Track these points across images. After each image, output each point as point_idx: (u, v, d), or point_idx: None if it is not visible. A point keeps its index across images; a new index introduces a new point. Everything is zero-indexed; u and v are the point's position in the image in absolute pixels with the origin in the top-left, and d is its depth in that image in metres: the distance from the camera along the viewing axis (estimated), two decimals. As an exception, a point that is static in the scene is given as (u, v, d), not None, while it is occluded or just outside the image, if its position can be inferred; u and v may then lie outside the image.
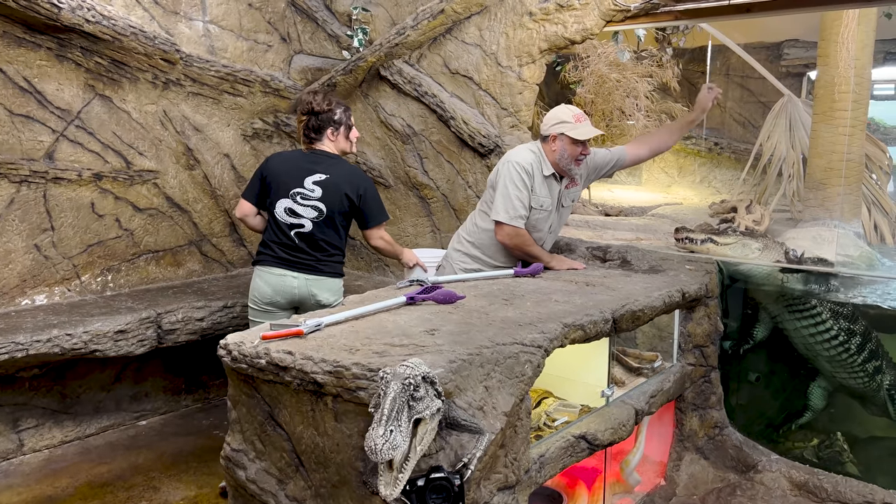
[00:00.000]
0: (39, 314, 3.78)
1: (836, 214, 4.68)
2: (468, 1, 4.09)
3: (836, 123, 4.60)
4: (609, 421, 2.83)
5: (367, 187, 3.43)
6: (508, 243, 3.36)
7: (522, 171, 3.29)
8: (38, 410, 3.92)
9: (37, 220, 3.89)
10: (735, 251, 3.68)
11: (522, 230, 3.34)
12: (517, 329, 2.40)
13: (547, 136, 3.34)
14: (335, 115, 3.39)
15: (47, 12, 3.52)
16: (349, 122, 3.47)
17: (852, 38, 4.26)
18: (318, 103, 3.35)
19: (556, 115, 3.35)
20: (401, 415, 1.70)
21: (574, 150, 3.30)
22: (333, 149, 3.45)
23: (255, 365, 2.16)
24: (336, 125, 3.40)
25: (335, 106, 3.40)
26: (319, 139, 3.42)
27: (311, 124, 3.37)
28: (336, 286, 3.51)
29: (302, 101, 3.43)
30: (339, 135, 3.42)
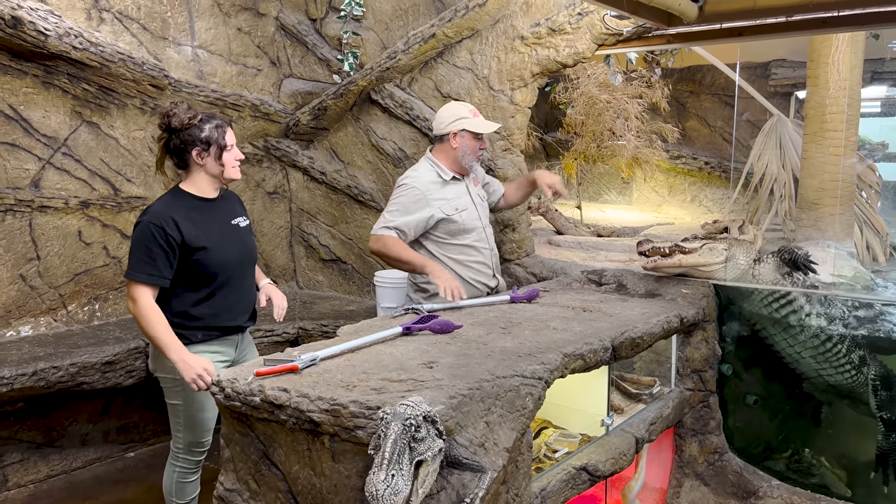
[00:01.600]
0: (25, 346, 3.69)
1: (830, 234, 4.68)
2: (459, 25, 4.09)
3: (828, 144, 4.62)
4: (610, 451, 2.78)
5: (135, 225, 2.74)
6: (373, 249, 3.23)
7: (410, 188, 3.23)
8: (22, 445, 3.82)
9: (22, 250, 3.82)
10: (704, 255, 3.60)
11: (386, 236, 3.19)
12: (517, 360, 2.36)
13: (445, 135, 3.29)
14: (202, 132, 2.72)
15: (34, 40, 3.47)
16: (222, 141, 2.76)
17: (842, 60, 4.29)
18: (178, 117, 2.70)
19: (451, 112, 3.31)
20: (402, 457, 1.64)
21: (474, 144, 3.30)
22: (197, 175, 2.79)
23: (250, 403, 2.10)
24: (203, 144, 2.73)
25: (203, 120, 2.74)
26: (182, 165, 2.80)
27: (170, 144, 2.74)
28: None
29: (160, 115, 2.76)
30: (207, 157, 2.74)
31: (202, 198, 2.81)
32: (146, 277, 2.65)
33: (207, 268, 2.75)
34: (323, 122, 4.81)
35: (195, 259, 2.71)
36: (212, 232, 2.76)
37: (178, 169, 2.81)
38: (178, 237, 2.67)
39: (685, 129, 6.97)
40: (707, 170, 7.02)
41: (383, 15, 4.54)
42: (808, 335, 3.61)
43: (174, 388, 2.81)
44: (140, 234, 2.65)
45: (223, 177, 2.80)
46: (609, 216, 7.03)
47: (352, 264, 5.00)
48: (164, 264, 2.66)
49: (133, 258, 2.66)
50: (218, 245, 2.76)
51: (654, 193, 7.41)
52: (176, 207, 2.71)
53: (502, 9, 3.98)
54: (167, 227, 2.64)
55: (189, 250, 2.70)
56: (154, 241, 2.63)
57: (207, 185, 2.81)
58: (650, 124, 6.23)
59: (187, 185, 2.80)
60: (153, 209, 2.70)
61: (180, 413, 2.86)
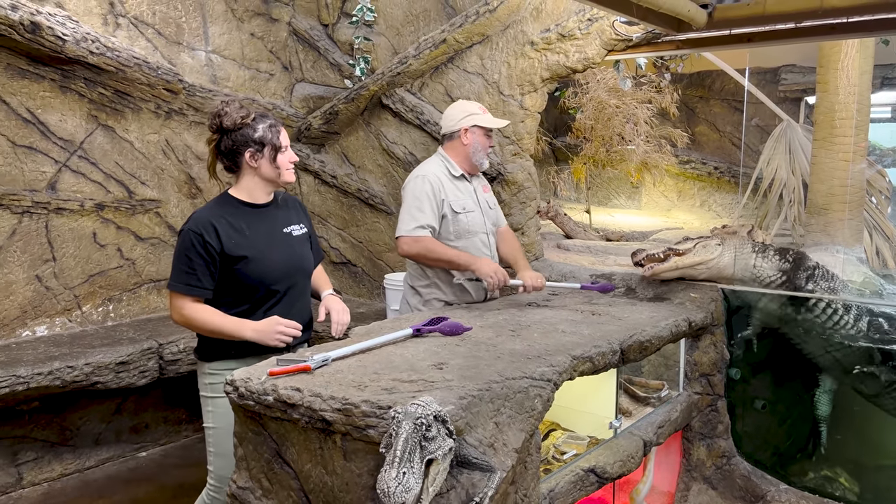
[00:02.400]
0: (40, 346, 3.74)
1: (839, 240, 4.68)
2: (470, 31, 4.12)
3: (837, 149, 4.62)
4: (618, 453, 2.81)
5: (178, 233, 2.68)
6: (411, 253, 3.14)
7: (424, 181, 3.19)
8: (37, 443, 3.88)
9: (38, 251, 3.88)
10: (699, 254, 3.60)
11: (423, 236, 3.12)
12: (526, 362, 2.38)
13: (455, 132, 3.28)
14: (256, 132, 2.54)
15: (52, 45, 3.53)
16: (277, 142, 2.58)
17: (852, 66, 4.30)
18: (230, 116, 2.52)
19: (461, 108, 3.31)
20: (413, 456, 1.67)
21: (485, 141, 3.30)
22: (249, 179, 2.61)
23: (263, 402, 2.13)
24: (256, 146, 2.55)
25: (256, 119, 2.56)
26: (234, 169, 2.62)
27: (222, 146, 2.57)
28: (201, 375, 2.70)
29: (211, 115, 2.58)
30: (261, 158, 2.56)
31: (252, 203, 2.62)
32: (186, 289, 2.49)
33: (248, 278, 2.55)
34: (334, 127, 4.85)
35: (235, 269, 2.53)
36: (257, 240, 2.57)
37: (229, 172, 2.62)
38: (218, 245, 2.49)
39: (695, 134, 6.98)
40: (716, 175, 7.02)
41: (394, 20, 4.58)
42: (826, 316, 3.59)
43: (207, 409, 2.66)
44: (181, 243, 2.51)
45: (279, 180, 2.61)
46: (618, 220, 7.04)
47: (362, 267, 5.04)
48: (205, 274, 2.49)
49: (174, 268, 2.52)
50: (261, 255, 2.56)
51: (663, 198, 7.42)
52: (219, 214, 2.54)
53: (512, 14, 4.01)
54: (206, 234, 2.48)
55: (229, 260, 2.52)
56: (193, 249, 2.48)
57: (260, 189, 2.61)
58: (659, 129, 6.25)
59: (237, 191, 2.61)
60: (196, 216, 2.54)
61: (211, 438, 2.70)
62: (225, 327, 2.52)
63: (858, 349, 3.58)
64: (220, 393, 2.52)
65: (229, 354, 2.60)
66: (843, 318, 3.56)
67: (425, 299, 3.31)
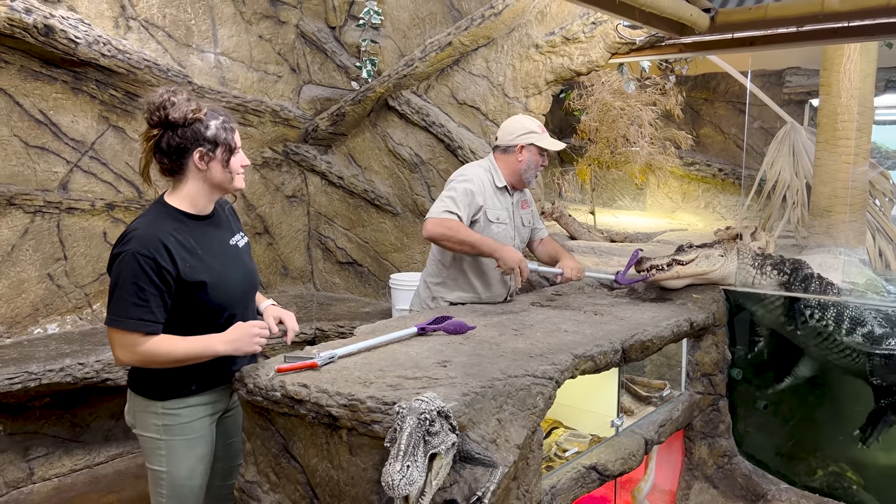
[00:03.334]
0: (52, 343, 3.81)
1: (842, 241, 4.71)
2: (475, 34, 4.17)
3: (840, 152, 4.66)
4: (619, 451, 2.85)
5: (114, 255, 2.12)
6: (435, 234, 3.02)
7: (467, 180, 3.19)
8: (48, 439, 3.94)
9: (50, 250, 3.94)
10: (701, 265, 3.63)
11: (450, 219, 3.03)
12: (528, 361, 2.43)
13: (511, 146, 3.23)
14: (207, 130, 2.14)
15: (65, 47, 3.60)
16: (231, 142, 2.20)
17: (854, 69, 4.33)
18: (179, 108, 2.10)
19: (521, 125, 3.25)
20: (417, 450, 1.72)
21: (538, 160, 3.26)
22: (194, 184, 2.20)
23: (271, 398, 2.19)
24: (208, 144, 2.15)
25: (208, 114, 2.15)
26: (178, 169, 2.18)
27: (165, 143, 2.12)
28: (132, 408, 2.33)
29: (152, 105, 2.11)
30: (213, 160, 2.16)
31: (195, 215, 2.21)
32: (139, 324, 2.06)
33: (208, 305, 2.19)
34: (341, 128, 4.91)
35: (192, 297, 2.16)
36: (211, 261, 2.20)
37: (167, 175, 2.19)
38: (174, 270, 2.09)
39: (699, 136, 7.01)
40: (721, 176, 7.05)
41: (401, 23, 4.63)
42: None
43: (157, 451, 2.27)
44: (126, 268, 2.05)
45: (229, 186, 2.22)
46: (622, 222, 7.07)
47: (368, 267, 5.09)
48: (159, 306, 2.09)
49: (118, 300, 2.06)
50: (219, 277, 2.20)
51: (667, 200, 7.45)
52: (165, 231, 2.11)
53: (517, 18, 4.06)
54: (159, 257, 2.06)
55: (185, 287, 2.13)
56: (145, 276, 2.04)
57: (204, 196, 2.21)
58: (664, 131, 6.28)
59: (176, 199, 2.20)
60: (137, 235, 2.08)
61: (163, 482, 2.30)
62: (194, 351, 2.16)
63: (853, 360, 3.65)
64: (177, 434, 2.26)
65: (189, 390, 2.26)
66: (834, 335, 3.62)
67: (433, 295, 3.36)
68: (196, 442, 2.31)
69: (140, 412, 2.28)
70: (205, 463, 2.34)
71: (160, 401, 2.24)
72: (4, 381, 3.32)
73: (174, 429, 2.26)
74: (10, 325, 3.83)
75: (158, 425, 2.25)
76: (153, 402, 2.25)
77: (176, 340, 2.14)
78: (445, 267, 3.32)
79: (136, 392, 2.30)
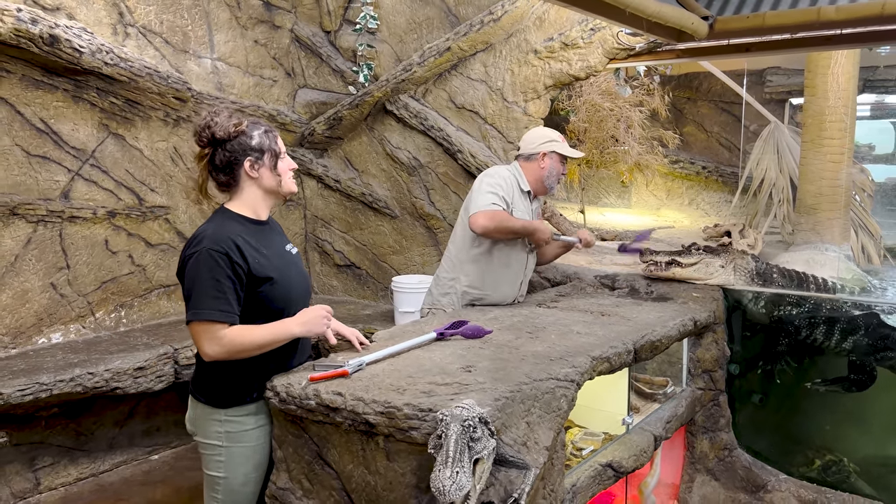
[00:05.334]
0: (58, 353, 3.80)
1: (828, 238, 4.87)
2: (474, 39, 4.23)
3: (825, 151, 4.80)
4: (631, 448, 2.94)
5: (187, 257, 2.25)
6: (489, 225, 3.21)
7: (499, 177, 3.34)
8: (53, 449, 3.93)
9: (53, 259, 3.93)
10: (699, 271, 3.77)
11: (499, 210, 3.24)
12: (550, 364, 2.50)
13: (534, 154, 3.40)
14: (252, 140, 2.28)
15: (69, 57, 3.59)
16: (275, 147, 2.34)
17: (842, 73, 4.47)
18: (222, 126, 2.24)
19: (543, 134, 3.46)
20: (463, 456, 1.79)
21: (560, 168, 3.45)
22: (250, 192, 2.33)
23: (305, 406, 2.23)
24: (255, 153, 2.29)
25: (249, 126, 2.30)
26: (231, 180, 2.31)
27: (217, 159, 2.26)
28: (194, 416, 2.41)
29: (199, 128, 2.26)
30: (262, 167, 2.30)
31: (256, 220, 2.35)
32: (221, 315, 2.17)
33: (272, 302, 2.30)
34: (338, 132, 4.94)
35: (260, 293, 2.27)
36: (274, 260, 2.32)
37: (223, 189, 2.33)
38: (245, 266, 2.22)
39: (683, 134, 7.15)
40: (704, 174, 7.20)
41: (397, 28, 4.67)
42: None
43: (217, 458, 2.35)
44: (202, 265, 2.17)
45: (281, 189, 2.36)
46: (609, 219, 7.19)
47: (366, 269, 5.13)
48: (234, 298, 2.20)
49: (198, 295, 2.17)
50: (283, 276, 2.33)
51: (652, 197, 7.59)
52: (233, 231, 2.24)
53: (516, 23, 4.13)
54: (232, 253, 2.19)
55: (255, 282, 2.25)
56: (221, 270, 2.17)
57: (261, 202, 2.35)
58: (651, 130, 6.40)
59: (236, 206, 2.32)
60: (208, 235, 2.21)
61: (219, 487, 2.37)
62: (272, 335, 2.26)
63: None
64: (236, 441, 2.34)
65: (250, 398, 2.35)
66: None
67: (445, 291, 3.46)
68: (255, 450, 2.38)
69: (202, 420, 2.37)
70: (260, 471, 2.41)
71: (223, 408, 2.33)
72: (16, 393, 3.31)
73: (235, 436, 2.35)
74: (14, 336, 3.81)
75: (220, 432, 2.34)
76: (216, 409, 2.34)
77: (253, 330, 2.24)
78: (465, 262, 3.40)
79: (198, 400, 2.38)
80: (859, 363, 3.87)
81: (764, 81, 6.68)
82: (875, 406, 3.86)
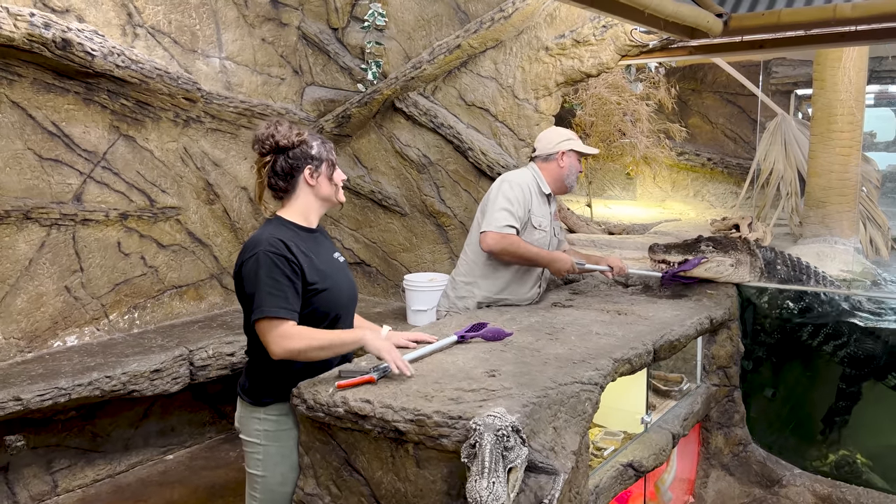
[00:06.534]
0: (74, 356, 3.81)
1: (836, 231, 4.88)
2: (484, 36, 4.22)
3: (834, 144, 4.81)
4: (651, 447, 2.97)
5: (244, 261, 2.34)
6: (495, 249, 3.22)
7: (517, 186, 3.31)
8: (70, 451, 3.95)
9: (66, 262, 3.93)
10: (710, 270, 3.73)
11: (511, 235, 3.22)
12: (573, 367, 2.52)
13: (552, 154, 3.40)
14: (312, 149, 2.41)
15: (81, 60, 3.57)
16: (333, 158, 2.48)
17: (853, 66, 4.46)
18: (285, 135, 2.38)
19: (559, 133, 3.47)
20: (498, 465, 1.80)
21: (578, 165, 3.46)
22: (305, 200, 2.43)
23: (333, 413, 2.24)
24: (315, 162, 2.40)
25: (309, 137, 2.43)
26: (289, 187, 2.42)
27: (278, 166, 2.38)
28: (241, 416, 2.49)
29: (262, 136, 2.38)
30: (320, 176, 2.42)
31: (307, 227, 2.45)
32: (283, 311, 2.25)
33: (321, 307, 2.38)
34: (346, 129, 4.93)
35: (310, 296, 2.36)
36: (323, 267, 2.42)
37: (280, 195, 2.42)
38: (299, 268, 2.32)
39: (688, 125, 7.14)
40: (710, 166, 7.21)
41: (406, 25, 4.65)
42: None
43: (256, 456, 2.43)
44: (262, 266, 2.27)
45: (335, 198, 2.46)
46: (615, 212, 7.20)
47: (376, 267, 5.14)
48: (294, 297, 2.29)
49: (260, 294, 2.25)
50: (332, 282, 2.43)
51: (657, 189, 7.60)
52: (286, 236, 2.34)
53: (527, 20, 4.12)
54: (288, 254, 2.30)
55: (306, 286, 2.35)
56: (279, 270, 2.27)
57: (313, 211, 2.45)
58: (657, 123, 6.40)
59: (290, 213, 2.42)
60: (263, 239, 2.32)
61: (257, 485, 2.46)
62: (340, 345, 2.35)
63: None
64: (273, 440, 2.41)
65: (287, 396, 2.41)
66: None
67: (462, 294, 3.45)
68: (293, 450, 2.44)
69: (245, 418, 2.46)
70: (296, 472, 2.46)
71: (262, 406, 2.42)
72: (35, 398, 3.32)
73: (273, 435, 2.42)
74: (30, 340, 3.82)
75: (260, 430, 2.42)
76: (257, 408, 2.42)
77: (320, 337, 2.31)
78: (482, 266, 3.39)
79: (242, 399, 2.47)
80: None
81: (770, 72, 6.68)
82: (888, 400, 3.89)
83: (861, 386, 3.87)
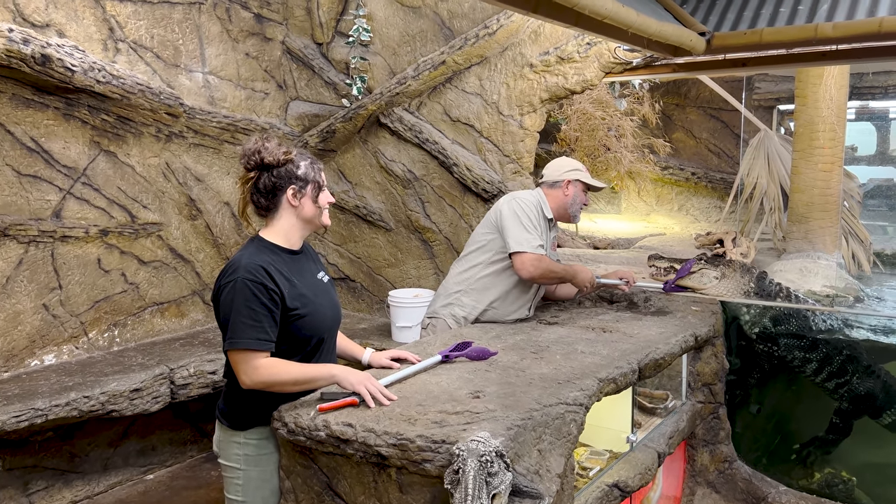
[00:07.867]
0: (52, 375, 3.73)
1: (819, 246, 4.91)
2: (469, 53, 4.22)
3: (816, 160, 4.85)
4: (636, 466, 2.95)
5: (222, 286, 2.32)
6: (534, 272, 3.26)
7: (530, 206, 3.35)
8: (47, 472, 3.86)
9: (45, 280, 3.86)
10: (694, 280, 3.85)
11: (542, 256, 3.29)
12: (558, 388, 2.49)
13: (558, 181, 3.44)
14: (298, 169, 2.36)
15: (61, 76, 3.53)
16: (320, 179, 2.42)
17: (834, 83, 4.51)
18: (272, 152, 2.33)
19: (567, 163, 3.52)
20: (481, 492, 1.77)
21: (583, 197, 3.49)
22: (287, 220, 2.39)
23: (314, 437, 2.21)
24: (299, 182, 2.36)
25: (297, 156, 2.39)
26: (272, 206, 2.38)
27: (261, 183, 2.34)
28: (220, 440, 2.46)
29: (248, 152, 2.34)
30: (304, 197, 2.37)
31: (289, 250, 2.40)
32: (258, 343, 2.22)
33: (301, 331, 2.35)
34: (331, 144, 4.91)
35: (290, 321, 2.33)
36: (305, 291, 2.37)
37: (262, 214, 2.39)
38: (279, 294, 2.28)
39: (672, 140, 7.19)
40: (694, 180, 7.25)
41: (391, 41, 4.65)
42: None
43: (236, 481, 2.40)
44: (238, 294, 2.23)
45: (318, 220, 2.42)
46: (601, 226, 7.22)
47: (361, 282, 5.10)
48: (271, 326, 2.26)
49: (234, 325, 2.23)
50: (313, 306, 2.38)
51: (642, 203, 7.63)
52: (266, 260, 2.30)
53: (511, 37, 4.12)
54: (267, 281, 2.25)
55: (286, 311, 2.31)
56: (256, 299, 2.23)
57: (296, 232, 2.41)
58: (641, 138, 6.43)
59: (271, 234, 2.39)
60: (242, 264, 2.27)
61: None
62: (309, 380, 2.31)
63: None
64: (254, 465, 2.38)
65: (267, 420, 2.37)
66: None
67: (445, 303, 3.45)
68: (273, 474, 2.41)
69: (224, 442, 2.42)
70: (276, 497, 2.42)
71: (242, 430, 2.38)
72: (11, 420, 3.25)
73: (253, 459, 2.39)
74: (7, 359, 3.74)
75: (240, 455, 2.39)
76: (236, 432, 2.39)
77: (290, 365, 2.29)
78: (476, 280, 3.39)
79: (222, 422, 2.44)
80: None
81: (752, 88, 6.74)
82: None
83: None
